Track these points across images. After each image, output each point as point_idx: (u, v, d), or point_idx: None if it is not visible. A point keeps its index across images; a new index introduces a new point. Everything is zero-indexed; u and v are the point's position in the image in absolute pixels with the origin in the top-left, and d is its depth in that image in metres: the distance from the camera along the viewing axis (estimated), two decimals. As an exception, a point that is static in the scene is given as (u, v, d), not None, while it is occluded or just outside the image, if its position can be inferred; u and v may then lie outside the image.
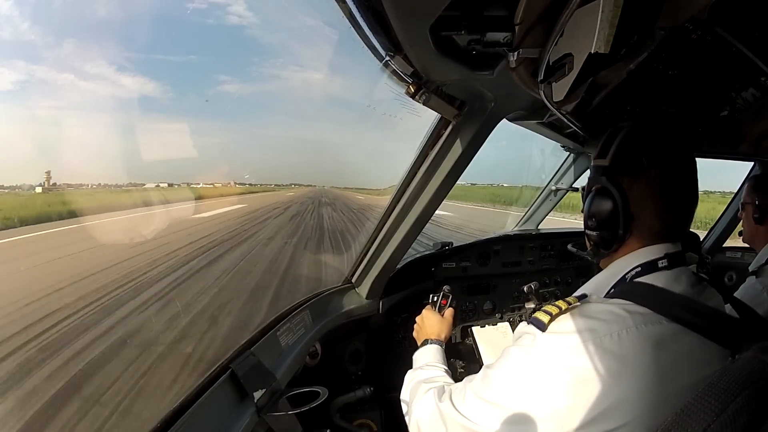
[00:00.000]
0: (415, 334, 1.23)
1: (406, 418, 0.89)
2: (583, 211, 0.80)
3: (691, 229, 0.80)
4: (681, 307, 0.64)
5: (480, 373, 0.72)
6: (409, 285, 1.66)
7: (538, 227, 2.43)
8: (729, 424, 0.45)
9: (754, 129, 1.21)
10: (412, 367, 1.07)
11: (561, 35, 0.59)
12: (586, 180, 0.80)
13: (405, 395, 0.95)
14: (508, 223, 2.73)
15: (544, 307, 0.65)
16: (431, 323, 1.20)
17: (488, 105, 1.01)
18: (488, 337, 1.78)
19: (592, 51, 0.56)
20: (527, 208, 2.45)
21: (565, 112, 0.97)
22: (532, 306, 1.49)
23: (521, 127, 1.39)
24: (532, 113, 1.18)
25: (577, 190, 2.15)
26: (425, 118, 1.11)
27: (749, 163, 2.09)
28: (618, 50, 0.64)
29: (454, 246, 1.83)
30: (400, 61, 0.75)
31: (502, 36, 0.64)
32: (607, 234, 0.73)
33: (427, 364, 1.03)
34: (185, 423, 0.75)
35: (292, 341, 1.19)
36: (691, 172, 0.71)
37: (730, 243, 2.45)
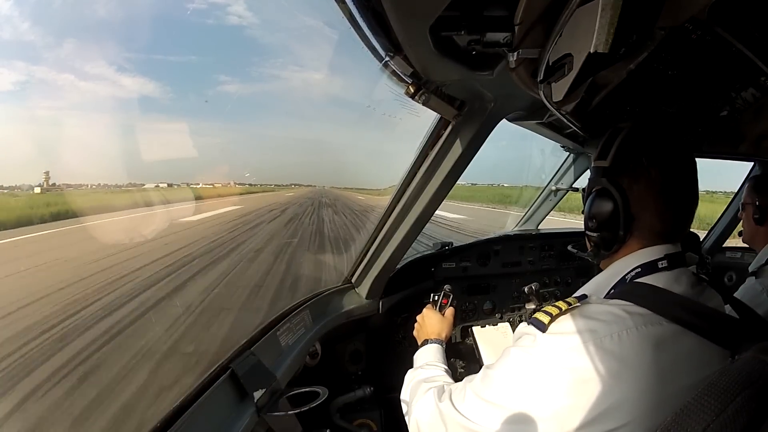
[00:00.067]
0: (415, 334, 1.23)
1: (406, 418, 0.89)
2: (583, 212, 0.80)
3: (693, 230, 0.80)
4: (681, 308, 0.64)
5: (480, 373, 0.72)
6: (409, 285, 1.66)
7: (538, 227, 2.43)
8: (729, 424, 0.45)
9: (754, 129, 1.21)
10: (412, 366, 1.07)
11: (560, 35, 0.59)
12: (587, 180, 0.80)
13: (405, 395, 0.95)
14: (507, 223, 2.73)
15: (545, 308, 0.65)
16: (432, 322, 1.20)
17: (488, 105, 1.01)
18: (488, 337, 1.78)
19: (592, 51, 0.56)
20: (527, 208, 2.45)
21: (564, 113, 0.97)
22: (533, 306, 1.49)
23: (521, 127, 1.39)
24: (532, 113, 1.18)
25: (577, 190, 2.15)
26: (425, 118, 1.11)
27: (749, 163, 2.09)
28: (618, 50, 0.64)
29: (454, 246, 1.83)
30: (400, 61, 0.75)
31: (501, 36, 0.64)
32: (608, 235, 0.73)
33: (427, 364, 1.03)
34: (185, 423, 0.75)
35: (292, 341, 1.19)
36: (691, 172, 0.72)
37: (730, 243, 2.45)
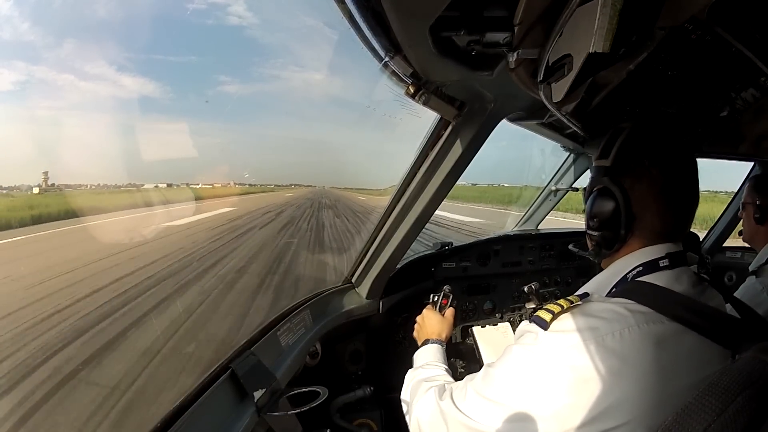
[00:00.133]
0: (415, 334, 1.23)
1: (407, 418, 0.89)
2: (584, 212, 0.80)
3: (693, 230, 0.80)
4: (682, 307, 0.64)
5: (481, 372, 0.72)
6: (409, 285, 1.66)
7: (538, 227, 2.43)
8: (729, 424, 0.45)
9: (754, 129, 1.21)
10: (412, 366, 1.07)
11: (560, 35, 0.59)
12: (586, 180, 0.80)
13: (405, 395, 0.95)
14: (507, 223, 2.73)
15: (546, 306, 0.65)
16: (432, 323, 1.20)
17: (488, 105, 1.01)
18: (489, 337, 1.78)
19: (592, 51, 0.56)
20: (527, 208, 2.45)
21: (564, 113, 0.97)
22: (533, 306, 1.49)
23: (521, 128, 1.39)
24: (532, 114, 1.18)
25: (577, 190, 2.15)
26: (425, 118, 1.11)
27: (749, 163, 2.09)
28: (618, 50, 0.64)
29: (454, 246, 1.83)
30: (400, 61, 0.75)
31: (501, 36, 0.64)
32: (609, 234, 0.73)
33: (427, 364, 1.03)
34: (185, 423, 0.75)
35: (292, 341, 1.19)
36: (692, 172, 0.72)
37: (730, 243, 2.45)
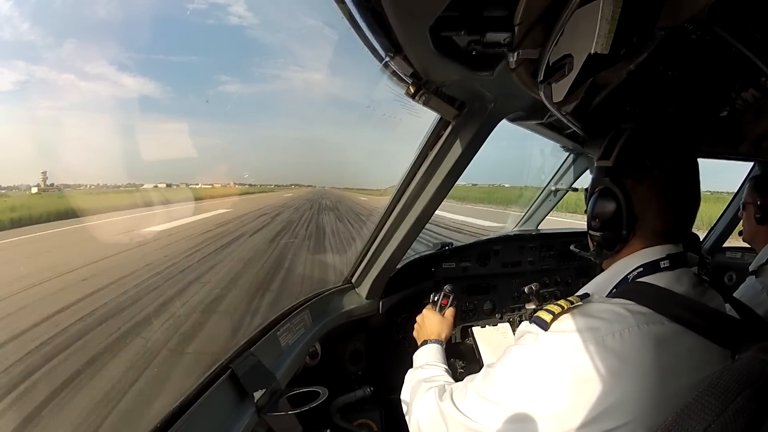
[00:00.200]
0: (415, 334, 1.23)
1: (407, 418, 0.89)
2: (586, 212, 0.80)
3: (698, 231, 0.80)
4: (682, 308, 0.64)
5: (481, 372, 0.72)
6: (409, 285, 1.66)
7: (538, 227, 2.43)
8: (729, 424, 0.45)
9: (754, 129, 1.21)
10: (412, 366, 1.07)
11: (561, 35, 0.59)
12: (586, 180, 0.80)
13: (405, 395, 0.95)
14: (507, 223, 2.73)
15: (546, 306, 0.65)
16: (432, 323, 1.20)
17: (488, 105, 1.01)
18: (489, 338, 1.78)
19: (592, 51, 0.56)
20: (527, 209, 2.45)
21: (564, 113, 0.97)
22: (533, 306, 1.49)
23: (521, 128, 1.39)
24: (532, 114, 1.18)
25: (577, 190, 2.15)
26: (425, 118, 1.11)
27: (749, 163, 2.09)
28: (618, 50, 0.64)
29: (453, 246, 1.83)
30: (400, 61, 0.75)
31: (501, 36, 0.64)
32: (611, 235, 0.73)
33: (427, 364, 1.03)
34: (185, 423, 0.74)
35: (292, 341, 1.19)
36: (693, 173, 0.72)
37: (730, 243, 2.45)
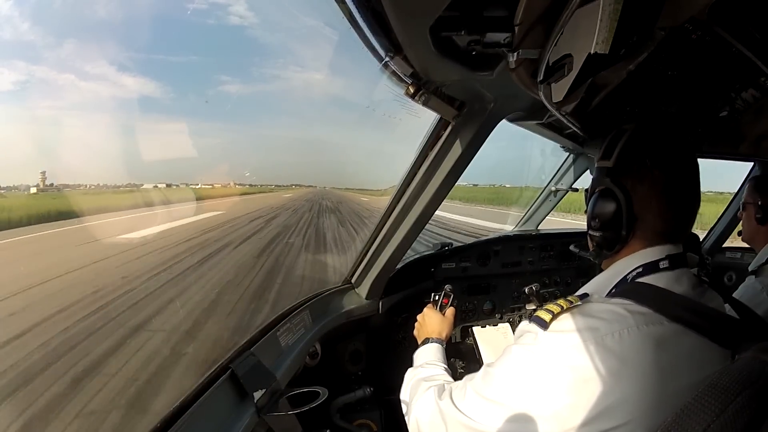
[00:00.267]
0: (415, 333, 1.24)
1: (406, 418, 0.89)
2: (586, 212, 0.80)
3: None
4: (682, 308, 0.64)
5: (481, 371, 0.72)
6: (409, 285, 1.66)
7: (538, 228, 2.43)
8: (729, 425, 0.45)
9: (754, 129, 1.21)
10: (412, 366, 1.07)
11: (561, 36, 0.59)
12: (586, 181, 0.80)
13: (405, 394, 0.95)
14: (507, 223, 2.73)
15: (546, 306, 0.65)
16: (432, 322, 1.20)
17: (488, 105, 1.01)
18: (489, 338, 1.78)
19: (592, 51, 0.56)
20: (527, 209, 2.45)
21: (564, 113, 0.97)
22: (533, 307, 1.49)
23: (521, 128, 1.39)
24: (532, 114, 1.18)
25: (577, 190, 2.15)
26: (425, 118, 1.11)
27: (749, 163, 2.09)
28: (618, 50, 0.64)
29: (453, 246, 1.83)
30: (400, 61, 0.75)
31: (501, 36, 0.64)
32: (610, 235, 0.73)
33: (427, 363, 1.03)
34: (185, 423, 0.75)
35: (292, 341, 1.19)
36: (693, 173, 0.72)
37: (730, 243, 2.45)
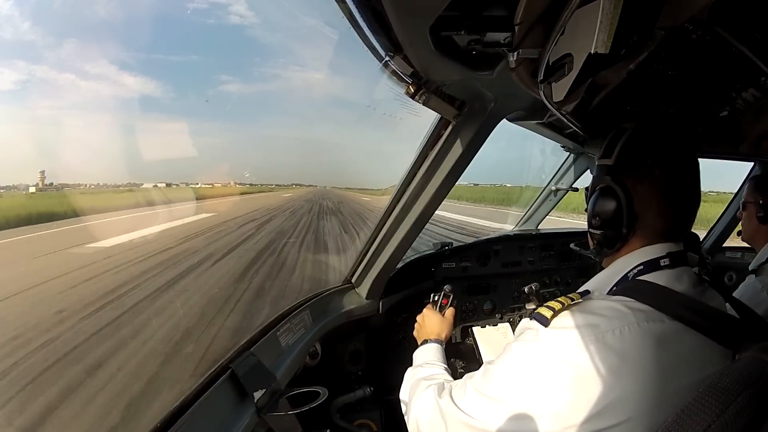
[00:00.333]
0: (415, 333, 1.23)
1: (405, 417, 0.89)
2: (586, 211, 0.80)
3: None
4: (683, 306, 0.64)
5: (481, 369, 0.72)
6: (409, 285, 1.66)
7: (538, 227, 2.43)
8: (729, 425, 0.45)
9: (754, 129, 1.21)
10: (412, 366, 1.07)
11: (561, 35, 0.59)
12: (586, 180, 0.80)
13: (404, 394, 0.95)
14: (507, 223, 2.73)
15: (547, 303, 0.65)
16: (432, 322, 1.20)
17: (488, 105, 1.01)
18: (489, 338, 1.78)
19: (592, 51, 0.56)
20: (527, 208, 2.45)
21: (565, 112, 0.97)
22: (533, 306, 1.49)
23: (521, 127, 1.39)
24: (532, 113, 1.18)
25: (577, 190, 2.15)
26: (425, 118, 1.11)
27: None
28: (618, 50, 0.64)
29: (454, 246, 1.83)
30: (400, 61, 0.75)
31: (502, 36, 0.64)
32: (611, 233, 0.73)
33: (426, 363, 1.03)
34: (185, 423, 0.74)
35: (292, 341, 1.19)
36: (694, 172, 0.72)
37: (730, 243, 2.45)
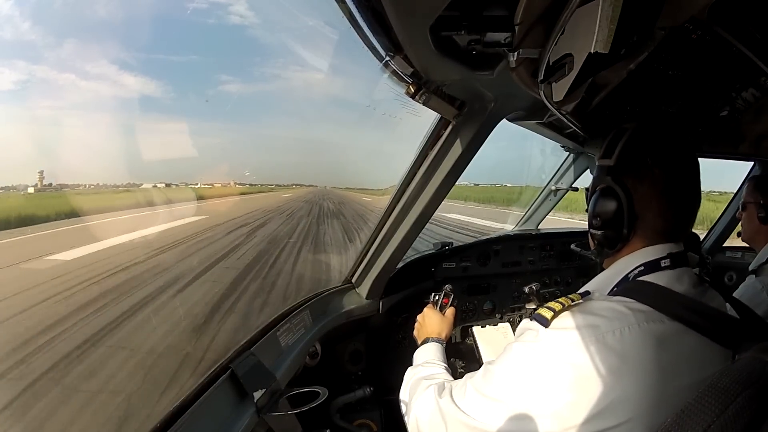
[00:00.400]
0: (415, 333, 1.24)
1: (405, 417, 0.89)
2: (587, 211, 0.80)
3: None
4: (683, 307, 0.64)
5: (481, 369, 0.72)
6: (409, 285, 1.66)
7: (538, 227, 2.43)
8: (729, 425, 0.45)
9: (754, 129, 1.21)
10: (412, 365, 1.07)
11: (561, 35, 0.59)
12: (586, 180, 0.80)
13: (404, 394, 0.95)
14: (507, 223, 2.73)
15: (547, 304, 0.65)
16: (432, 322, 1.20)
17: (488, 105, 1.01)
18: (489, 337, 1.78)
19: (592, 51, 0.56)
20: (527, 208, 2.45)
21: (565, 112, 0.97)
22: (533, 306, 1.49)
23: (521, 127, 1.39)
24: (532, 113, 1.18)
25: (577, 189, 2.15)
26: (425, 118, 1.11)
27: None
28: (618, 50, 0.64)
29: (454, 246, 1.83)
30: (400, 61, 0.75)
31: (502, 36, 0.64)
32: (612, 233, 0.73)
33: (426, 362, 1.03)
34: (185, 423, 0.74)
35: (292, 341, 1.19)
36: (694, 172, 0.72)
37: (730, 243, 2.45)
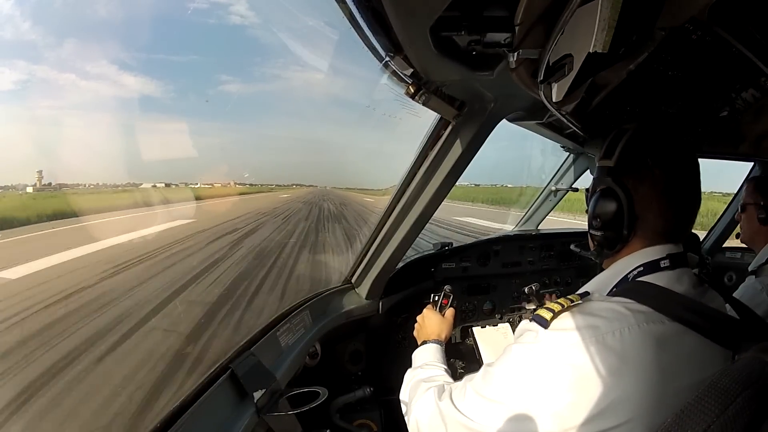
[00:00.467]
0: (415, 334, 1.23)
1: (406, 418, 0.89)
2: (587, 211, 0.80)
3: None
4: (683, 307, 0.64)
5: (481, 371, 0.72)
6: (409, 285, 1.66)
7: (538, 227, 2.43)
8: (729, 425, 0.45)
9: (754, 129, 1.21)
10: (411, 366, 1.07)
11: (561, 35, 0.59)
12: (586, 180, 0.80)
13: (404, 395, 0.95)
14: (507, 223, 2.73)
15: (547, 305, 0.65)
16: (432, 323, 1.20)
17: (488, 105, 1.01)
18: (489, 338, 1.78)
19: (592, 51, 0.56)
20: (527, 209, 2.45)
21: (564, 113, 0.97)
22: (533, 307, 1.49)
23: (521, 128, 1.39)
24: (532, 114, 1.18)
25: (577, 190, 2.15)
26: (425, 118, 1.11)
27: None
28: (618, 50, 0.64)
29: (454, 246, 1.83)
30: (400, 61, 0.75)
31: (502, 36, 0.64)
32: (612, 234, 0.73)
33: (426, 364, 1.03)
34: (185, 423, 0.75)
35: (292, 341, 1.19)
36: (694, 173, 0.72)
37: (730, 243, 2.45)
